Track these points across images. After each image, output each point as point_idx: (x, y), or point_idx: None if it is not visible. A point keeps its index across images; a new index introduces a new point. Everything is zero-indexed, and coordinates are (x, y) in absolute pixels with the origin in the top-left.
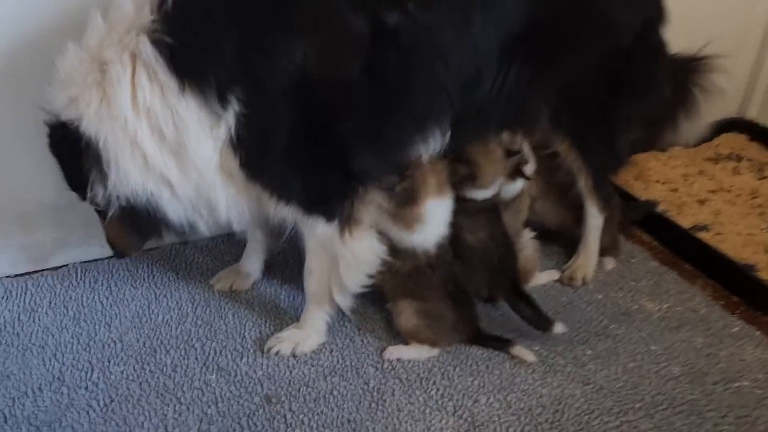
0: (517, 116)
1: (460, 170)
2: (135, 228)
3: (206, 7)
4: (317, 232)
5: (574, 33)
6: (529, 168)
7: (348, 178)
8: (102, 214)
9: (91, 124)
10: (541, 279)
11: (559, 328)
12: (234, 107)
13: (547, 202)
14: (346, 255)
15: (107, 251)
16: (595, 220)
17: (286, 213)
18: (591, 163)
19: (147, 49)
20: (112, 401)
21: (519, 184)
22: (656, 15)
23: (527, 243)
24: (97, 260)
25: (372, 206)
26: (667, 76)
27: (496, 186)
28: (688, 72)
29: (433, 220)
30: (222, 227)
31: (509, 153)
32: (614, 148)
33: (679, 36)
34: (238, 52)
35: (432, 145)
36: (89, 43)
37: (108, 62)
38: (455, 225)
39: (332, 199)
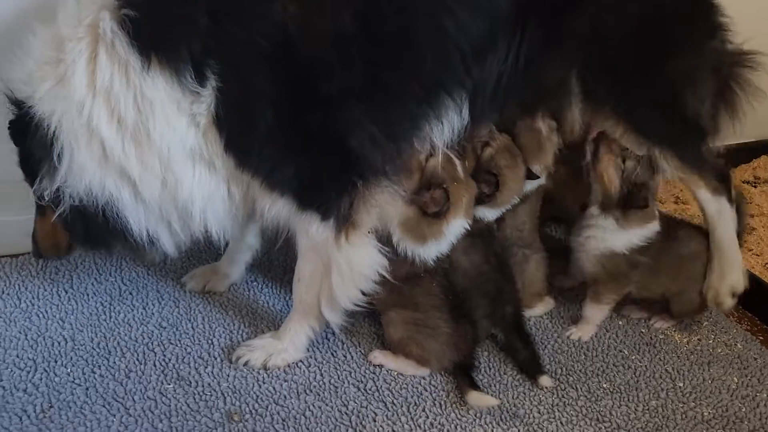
0: (540, 91)
1: (481, 186)
2: (84, 234)
3: None
4: (311, 231)
5: None
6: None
7: (345, 165)
8: (41, 209)
9: (45, 103)
10: (536, 310)
11: (546, 381)
12: (212, 82)
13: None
14: (340, 263)
15: None
16: (712, 204)
17: (280, 208)
18: (662, 137)
19: (106, 25)
20: (51, 407)
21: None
22: None
23: (534, 258)
24: None
25: (374, 209)
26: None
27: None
28: (731, 65)
29: (449, 238)
30: (192, 241)
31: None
32: (684, 110)
33: None
34: (212, 20)
35: (446, 126)
36: (57, 21)
37: (65, 39)
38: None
39: (328, 190)
